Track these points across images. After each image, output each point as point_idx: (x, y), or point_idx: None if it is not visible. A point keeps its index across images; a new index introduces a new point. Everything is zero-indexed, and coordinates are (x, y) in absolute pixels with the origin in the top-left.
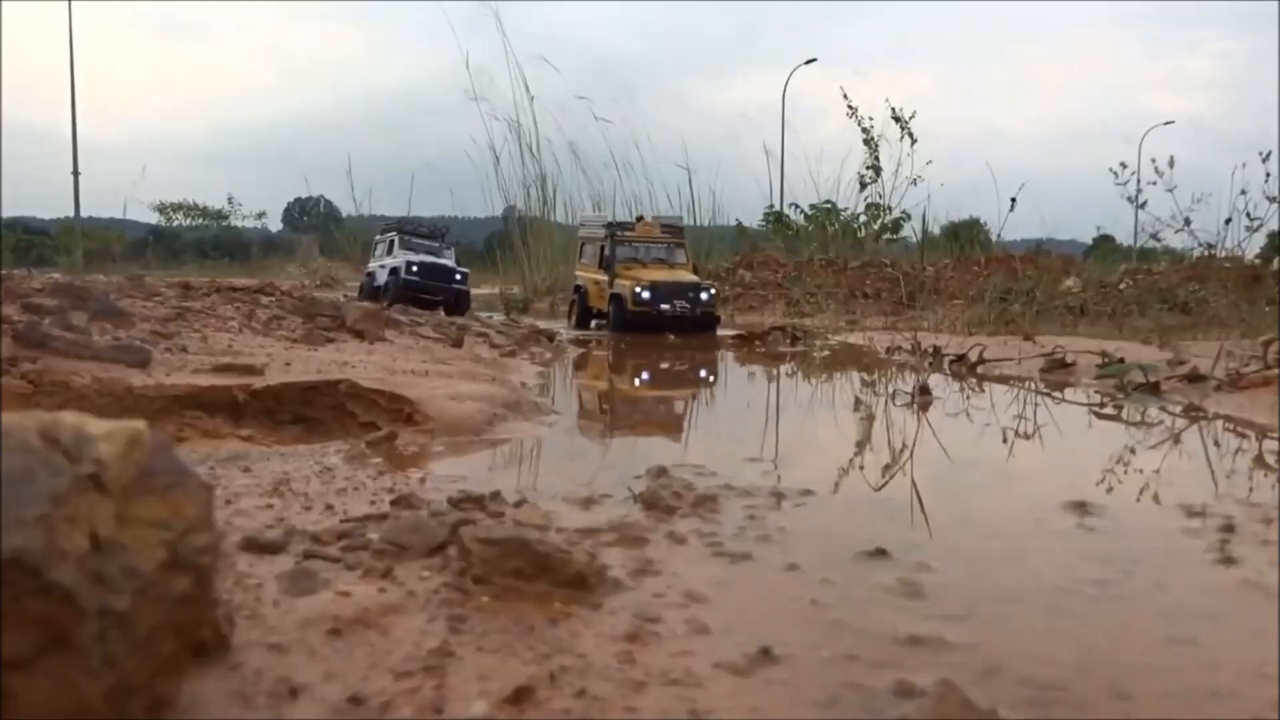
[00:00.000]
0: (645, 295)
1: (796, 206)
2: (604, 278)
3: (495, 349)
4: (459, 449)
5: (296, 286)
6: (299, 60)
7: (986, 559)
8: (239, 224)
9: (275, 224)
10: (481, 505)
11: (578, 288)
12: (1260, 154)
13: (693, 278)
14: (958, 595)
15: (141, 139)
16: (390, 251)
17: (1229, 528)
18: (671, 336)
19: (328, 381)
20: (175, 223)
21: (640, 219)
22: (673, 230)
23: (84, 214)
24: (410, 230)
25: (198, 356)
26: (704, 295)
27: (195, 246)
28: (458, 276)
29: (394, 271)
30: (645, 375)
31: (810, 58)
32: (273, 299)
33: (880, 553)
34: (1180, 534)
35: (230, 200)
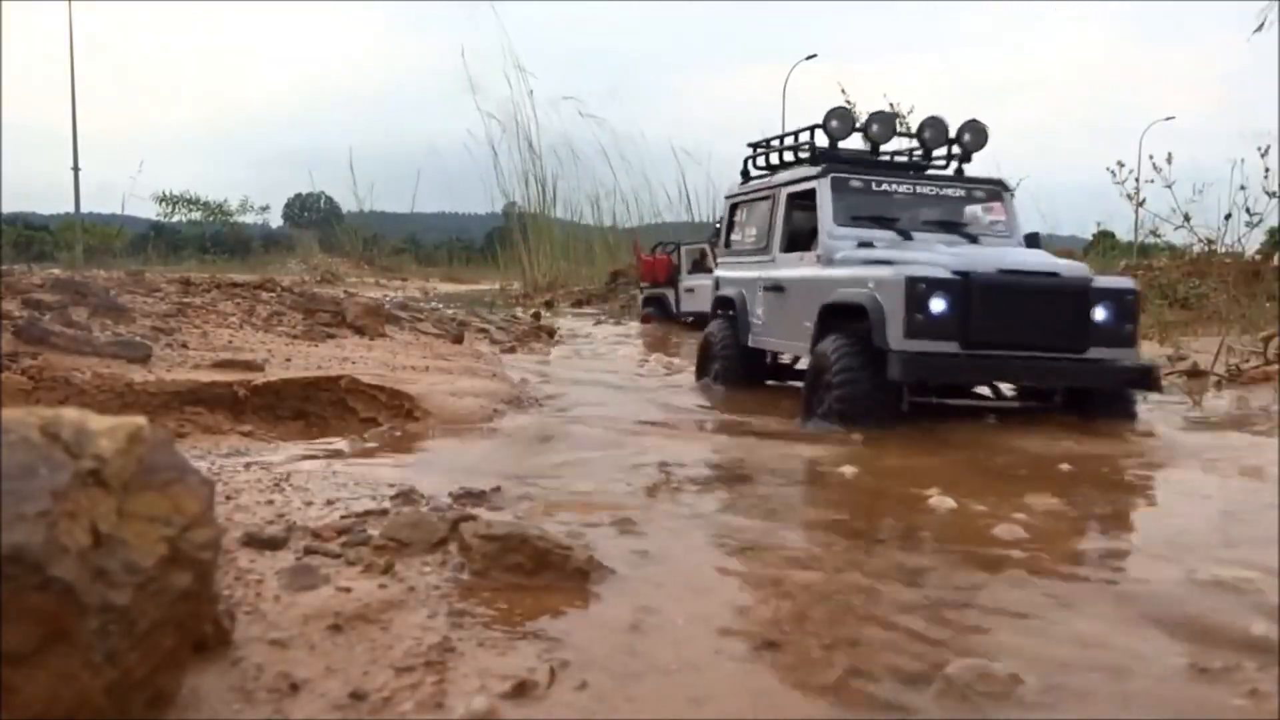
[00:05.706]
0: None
1: None
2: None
3: (495, 345)
4: (459, 444)
5: (297, 282)
6: (298, 54)
7: None
8: (241, 219)
9: (276, 220)
10: (482, 500)
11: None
12: (1259, 149)
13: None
14: None
15: (142, 134)
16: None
17: None
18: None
19: (328, 377)
20: (176, 217)
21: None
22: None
23: (84, 210)
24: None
25: (198, 352)
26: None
27: (196, 242)
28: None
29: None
30: None
31: (810, 53)
32: (273, 295)
33: None
34: None
35: (244, 203)
